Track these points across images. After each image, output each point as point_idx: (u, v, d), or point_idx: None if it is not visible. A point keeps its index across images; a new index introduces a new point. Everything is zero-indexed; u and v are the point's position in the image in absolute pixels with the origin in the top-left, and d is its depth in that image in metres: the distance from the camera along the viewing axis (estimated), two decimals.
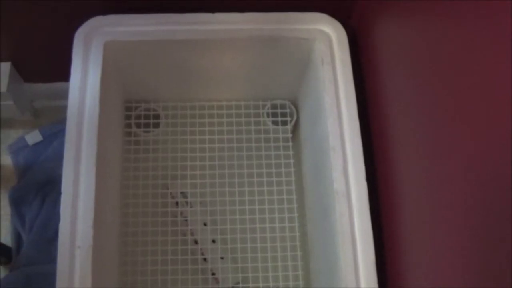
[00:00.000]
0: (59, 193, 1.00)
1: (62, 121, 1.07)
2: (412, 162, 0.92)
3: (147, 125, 1.31)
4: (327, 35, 1.14)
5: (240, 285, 1.24)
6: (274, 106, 1.36)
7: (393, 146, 1.00)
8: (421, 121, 0.87)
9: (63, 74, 1.12)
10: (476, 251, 0.69)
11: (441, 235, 0.80)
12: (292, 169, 1.30)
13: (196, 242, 1.26)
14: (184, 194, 1.30)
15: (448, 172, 0.76)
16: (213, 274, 1.24)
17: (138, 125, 1.31)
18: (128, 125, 1.30)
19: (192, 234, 1.26)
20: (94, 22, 1.12)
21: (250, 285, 1.21)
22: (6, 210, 1.46)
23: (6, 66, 1.42)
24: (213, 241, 1.27)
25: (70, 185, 1.00)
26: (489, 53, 0.65)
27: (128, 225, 1.23)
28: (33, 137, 1.50)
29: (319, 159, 1.14)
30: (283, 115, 1.35)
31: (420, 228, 0.89)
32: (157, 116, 1.33)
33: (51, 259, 1.25)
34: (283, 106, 1.36)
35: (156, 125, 1.32)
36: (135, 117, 1.31)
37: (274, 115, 1.34)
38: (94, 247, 0.97)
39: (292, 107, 1.36)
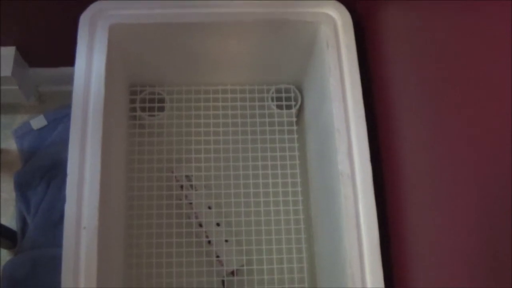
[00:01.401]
0: (64, 177, 1.00)
1: (67, 107, 1.07)
2: (417, 145, 0.92)
3: (152, 109, 1.32)
4: (332, 19, 1.14)
5: (245, 267, 1.24)
6: (278, 91, 1.36)
7: (397, 129, 1.00)
8: (426, 105, 0.87)
9: (68, 59, 1.11)
10: (478, 241, 0.69)
11: (445, 218, 0.80)
12: (297, 153, 1.30)
13: (200, 225, 1.27)
14: (188, 178, 1.30)
15: (453, 156, 0.77)
16: (217, 256, 1.25)
17: (143, 109, 1.31)
18: (133, 109, 1.31)
19: (196, 217, 1.27)
20: (99, 6, 1.12)
21: (254, 267, 1.22)
22: (11, 194, 1.46)
23: (10, 50, 1.42)
24: (218, 224, 1.27)
25: (76, 167, 1.00)
26: (497, 40, 0.65)
27: (133, 208, 1.24)
28: (38, 121, 1.51)
29: (324, 142, 1.15)
30: (288, 99, 1.35)
31: (423, 211, 0.89)
32: (162, 100, 1.33)
33: (56, 242, 1.25)
34: (287, 91, 1.36)
35: (161, 109, 1.32)
36: (140, 101, 1.32)
37: (279, 99, 1.35)
38: (99, 228, 0.97)
39: (297, 91, 1.36)
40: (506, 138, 0.61)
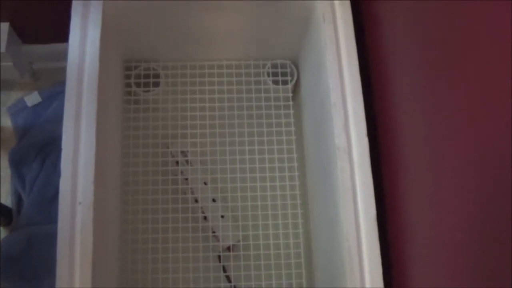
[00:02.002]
0: (59, 154, 0.99)
1: (62, 84, 1.06)
2: (414, 119, 0.92)
3: (147, 85, 1.31)
4: None
5: (241, 243, 1.24)
6: (274, 66, 1.35)
7: (394, 103, 1.00)
8: (424, 80, 0.86)
9: (62, 35, 1.10)
10: (477, 218, 0.69)
11: (442, 191, 0.80)
12: (293, 128, 1.29)
13: (196, 200, 1.27)
14: (184, 153, 1.30)
15: (451, 129, 0.76)
16: (213, 232, 1.25)
17: (138, 85, 1.30)
18: (128, 85, 1.30)
19: (192, 193, 1.27)
20: None
21: (251, 242, 1.22)
22: (6, 171, 1.46)
23: (4, 26, 1.41)
24: (214, 200, 1.27)
25: (71, 142, 0.99)
26: (498, 22, 0.64)
27: (129, 183, 1.24)
28: (32, 98, 1.50)
29: (320, 117, 1.14)
30: (284, 74, 1.34)
31: (420, 184, 0.89)
32: (157, 76, 1.32)
33: (52, 219, 1.25)
34: (283, 66, 1.35)
35: (156, 85, 1.32)
36: (135, 76, 1.31)
37: (275, 74, 1.34)
38: (95, 203, 0.97)
39: (293, 66, 1.35)
40: (507, 126, 0.60)
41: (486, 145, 0.66)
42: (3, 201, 1.43)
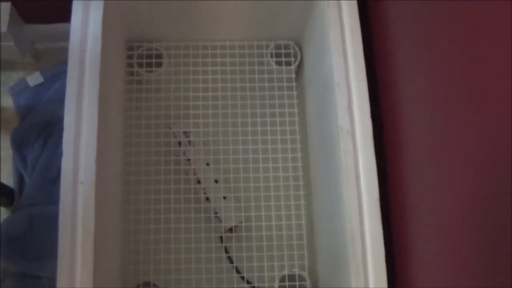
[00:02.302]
0: (61, 134, 0.99)
1: (63, 64, 1.06)
2: (418, 100, 0.91)
3: (149, 65, 1.30)
4: None
5: (243, 224, 1.24)
6: (278, 47, 1.34)
7: (398, 84, 0.99)
8: (428, 61, 0.86)
9: (64, 15, 1.10)
10: (478, 202, 0.69)
11: (444, 175, 0.79)
12: (296, 110, 1.29)
13: (198, 181, 1.26)
14: (186, 134, 1.29)
15: (453, 113, 0.76)
16: (215, 213, 1.25)
17: (140, 65, 1.30)
18: (130, 65, 1.29)
19: (194, 174, 1.26)
20: None
21: (253, 224, 1.22)
22: (8, 152, 1.46)
23: (6, 6, 1.40)
24: (216, 181, 1.27)
25: (73, 121, 0.99)
26: (500, 22, 0.63)
27: (131, 164, 1.23)
28: (34, 78, 1.50)
29: (323, 98, 1.14)
30: (287, 55, 1.33)
31: (423, 167, 0.89)
32: (159, 56, 1.31)
33: (53, 199, 1.25)
34: (287, 47, 1.34)
35: (159, 65, 1.31)
36: (137, 56, 1.30)
37: (278, 55, 1.33)
38: (97, 183, 0.96)
39: (296, 47, 1.34)
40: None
41: (488, 131, 0.66)
42: (5, 182, 1.43)
